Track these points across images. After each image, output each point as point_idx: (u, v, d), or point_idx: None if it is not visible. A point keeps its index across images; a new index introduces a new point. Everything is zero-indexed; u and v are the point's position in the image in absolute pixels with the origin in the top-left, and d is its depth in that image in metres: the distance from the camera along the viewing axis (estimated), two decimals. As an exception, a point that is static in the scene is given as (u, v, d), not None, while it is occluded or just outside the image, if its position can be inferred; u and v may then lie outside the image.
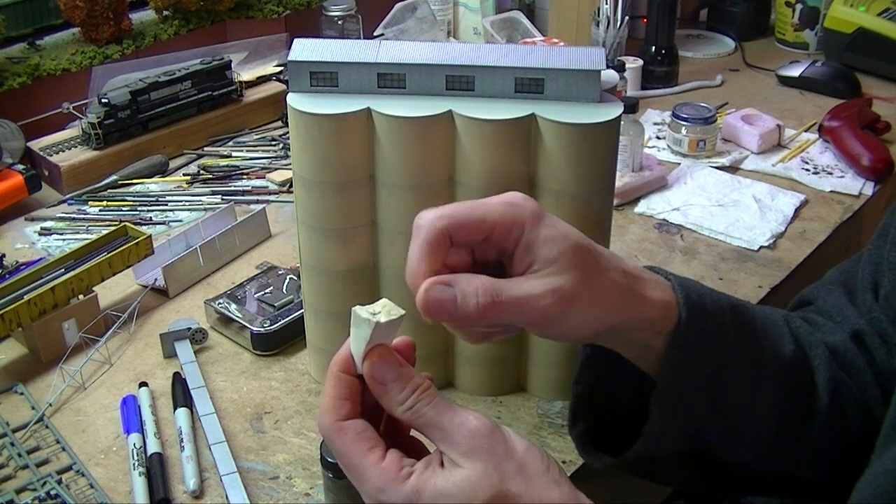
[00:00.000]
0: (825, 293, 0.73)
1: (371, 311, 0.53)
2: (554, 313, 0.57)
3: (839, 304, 0.71)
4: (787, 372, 0.65)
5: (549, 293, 0.56)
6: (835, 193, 1.22)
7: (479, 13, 1.65)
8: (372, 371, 0.53)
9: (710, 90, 1.54)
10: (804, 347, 0.67)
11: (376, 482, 0.51)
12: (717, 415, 0.63)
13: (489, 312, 0.55)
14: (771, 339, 0.66)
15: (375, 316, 0.53)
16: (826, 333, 0.70)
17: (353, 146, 0.75)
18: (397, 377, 0.53)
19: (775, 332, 0.67)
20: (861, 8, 1.56)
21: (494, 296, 0.56)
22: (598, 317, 0.59)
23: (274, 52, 1.47)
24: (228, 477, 0.76)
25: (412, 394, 0.53)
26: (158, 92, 1.27)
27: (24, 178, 1.16)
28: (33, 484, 0.76)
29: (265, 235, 1.11)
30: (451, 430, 0.52)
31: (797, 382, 0.65)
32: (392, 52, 0.76)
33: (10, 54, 1.33)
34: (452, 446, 0.51)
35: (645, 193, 1.21)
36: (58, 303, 0.90)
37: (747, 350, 0.64)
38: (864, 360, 0.68)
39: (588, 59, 0.75)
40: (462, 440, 0.51)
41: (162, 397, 0.86)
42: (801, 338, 0.68)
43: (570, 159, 0.73)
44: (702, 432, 0.64)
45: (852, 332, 0.69)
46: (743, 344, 0.64)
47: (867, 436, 0.61)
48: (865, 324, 0.69)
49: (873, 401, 0.67)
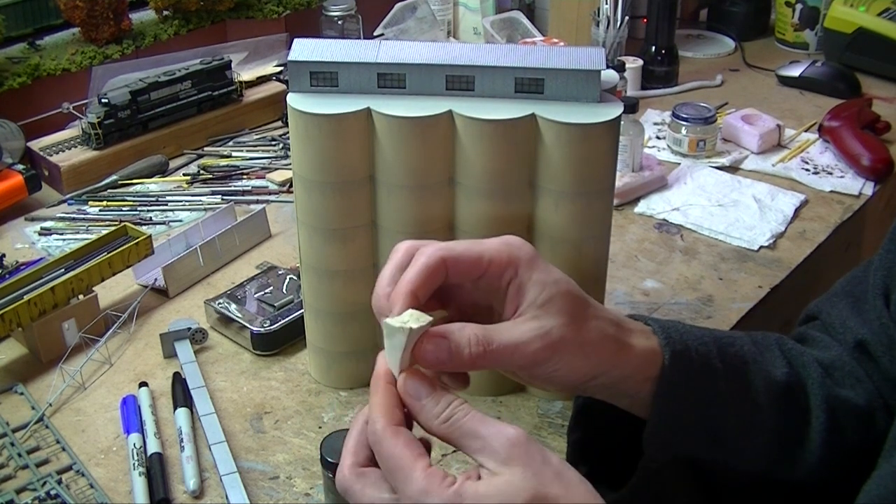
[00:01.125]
0: (829, 306, 0.74)
1: (401, 321, 0.55)
2: (542, 358, 0.58)
3: (842, 316, 0.72)
4: (780, 397, 0.66)
5: (538, 338, 0.58)
6: (835, 193, 1.22)
7: (479, 13, 1.65)
8: (406, 387, 0.55)
9: (710, 90, 1.54)
10: (797, 369, 0.68)
11: (422, 485, 0.52)
12: (713, 446, 0.64)
13: (481, 361, 0.57)
14: (762, 368, 0.67)
15: (406, 324, 0.54)
16: (822, 350, 0.71)
17: (353, 146, 0.75)
18: (431, 392, 0.55)
19: (767, 359, 0.68)
20: (861, 8, 1.56)
21: (486, 345, 0.57)
22: (586, 364, 0.60)
23: (274, 52, 1.47)
24: (228, 477, 0.76)
25: (447, 407, 0.54)
26: (158, 92, 1.27)
27: (24, 178, 1.16)
28: (33, 484, 0.76)
29: (265, 235, 1.11)
30: (489, 439, 0.52)
31: (792, 406, 0.66)
32: (392, 52, 0.76)
33: (10, 54, 1.33)
34: (491, 455, 0.52)
35: (645, 193, 1.21)
36: (58, 303, 0.90)
37: (737, 382, 0.65)
38: (865, 370, 0.69)
39: (588, 59, 0.75)
40: (500, 448, 0.52)
41: (162, 397, 0.86)
42: (794, 360, 0.69)
43: (570, 159, 0.73)
44: (699, 463, 0.65)
45: (855, 342, 0.69)
46: (732, 376, 0.65)
47: (869, 447, 0.61)
48: (869, 332, 0.69)
49: (876, 410, 0.67)
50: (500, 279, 0.60)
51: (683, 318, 0.97)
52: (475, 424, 0.53)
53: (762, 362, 0.67)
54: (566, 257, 0.77)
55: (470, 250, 0.60)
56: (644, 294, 1.01)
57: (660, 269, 1.06)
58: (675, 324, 0.66)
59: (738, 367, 0.65)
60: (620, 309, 0.98)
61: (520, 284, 0.60)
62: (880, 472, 0.56)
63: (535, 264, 0.61)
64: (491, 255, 0.60)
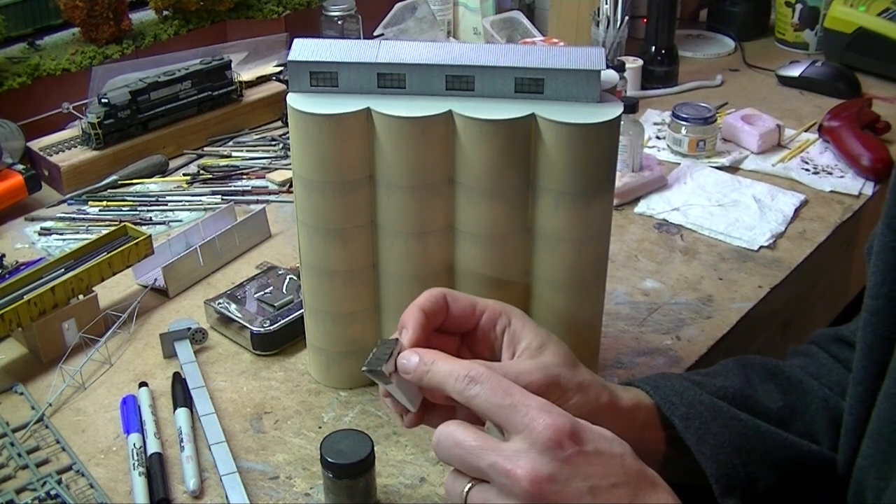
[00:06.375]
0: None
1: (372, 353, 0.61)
2: (544, 391, 0.59)
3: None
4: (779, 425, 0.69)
5: (538, 370, 0.61)
6: (835, 193, 1.22)
7: (479, 13, 1.65)
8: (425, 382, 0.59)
9: (710, 90, 1.54)
10: (792, 397, 0.71)
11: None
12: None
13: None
14: (753, 406, 0.69)
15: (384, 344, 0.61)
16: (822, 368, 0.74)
17: (353, 146, 0.75)
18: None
19: (762, 392, 0.71)
20: (861, 8, 1.56)
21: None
22: (587, 403, 0.62)
23: (274, 52, 1.47)
24: (228, 477, 0.76)
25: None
26: (158, 92, 1.27)
27: (24, 178, 1.16)
28: (33, 484, 0.76)
29: (265, 235, 1.11)
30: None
31: (794, 432, 0.69)
32: (392, 52, 0.76)
33: (10, 54, 1.33)
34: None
35: (645, 193, 1.21)
36: (58, 303, 0.90)
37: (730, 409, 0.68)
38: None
39: (588, 59, 0.75)
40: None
41: (162, 397, 0.86)
42: (792, 388, 0.72)
43: (570, 159, 0.73)
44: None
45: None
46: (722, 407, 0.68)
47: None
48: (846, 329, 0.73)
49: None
50: (494, 328, 0.65)
51: (683, 318, 0.97)
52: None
53: (755, 403, 0.70)
54: (566, 257, 0.77)
55: (466, 297, 0.66)
56: (644, 294, 1.01)
57: (660, 269, 1.06)
58: (657, 376, 0.71)
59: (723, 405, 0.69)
60: (620, 309, 0.98)
61: (514, 332, 0.64)
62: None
63: (527, 318, 0.66)
64: (486, 304, 0.66)
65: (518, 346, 0.64)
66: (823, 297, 1.23)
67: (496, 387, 0.54)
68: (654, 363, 0.90)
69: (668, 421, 0.66)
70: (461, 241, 0.78)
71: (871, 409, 0.60)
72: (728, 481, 0.63)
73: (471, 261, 0.78)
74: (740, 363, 0.74)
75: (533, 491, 0.50)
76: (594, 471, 0.52)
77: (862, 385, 0.61)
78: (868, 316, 0.60)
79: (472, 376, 0.55)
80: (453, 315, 0.65)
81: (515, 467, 0.51)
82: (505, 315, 0.65)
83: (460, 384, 0.55)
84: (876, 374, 0.60)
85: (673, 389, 0.67)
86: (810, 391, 0.71)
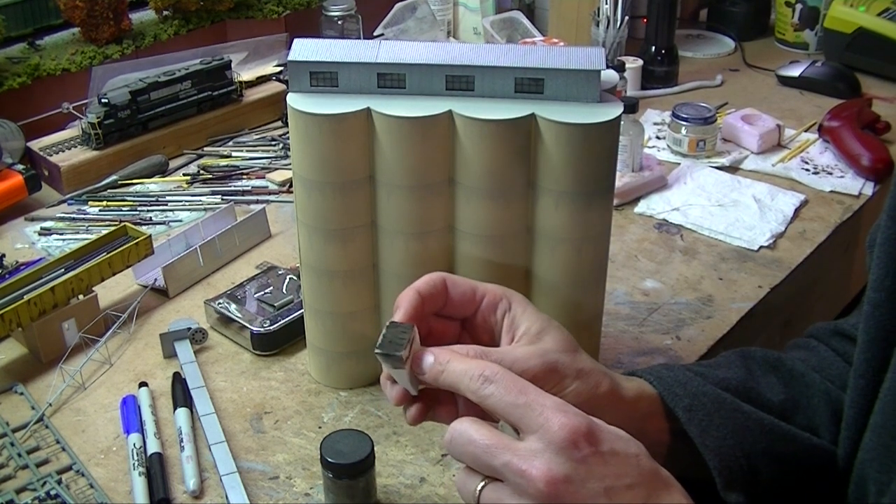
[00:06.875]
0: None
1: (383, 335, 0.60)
2: (541, 378, 0.59)
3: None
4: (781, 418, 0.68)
5: (536, 356, 0.61)
6: (835, 193, 1.22)
7: (479, 13, 1.65)
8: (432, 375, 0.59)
9: (710, 90, 1.54)
10: (794, 390, 0.71)
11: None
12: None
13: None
14: (756, 399, 0.69)
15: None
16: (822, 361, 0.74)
17: (353, 146, 0.75)
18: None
19: (764, 385, 0.70)
20: (861, 8, 1.56)
21: (483, 356, 0.59)
22: (587, 390, 0.62)
23: (274, 52, 1.47)
24: (228, 477, 0.76)
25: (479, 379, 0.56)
26: (158, 92, 1.27)
27: (24, 178, 1.16)
28: (33, 484, 0.76)
29: (265, 235, 1.11)
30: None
31: (796, 425, 0.69)
32: (392, 52, 0.76)
33: (10, 54, 1.33)
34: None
35: (645, 193, 1.21)
36: (58, 303, 0.90)
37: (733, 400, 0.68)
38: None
39: (588, 59, 0.75)
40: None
41: (162, 397, 0.86)
42: (794, 381, 0.72)
43: (570, 159, 0.73)
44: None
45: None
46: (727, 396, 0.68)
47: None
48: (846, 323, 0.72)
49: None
50: (495, 313, 0.65)
51: (683, 318, 0.97)
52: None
53: (757, 396, 0.70)
54: (566, 257, 0.77)
55: (466, 281, 0.65)
56: (644, 294, 1.01)
57: (660, 269, 1.06)
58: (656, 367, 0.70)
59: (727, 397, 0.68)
60: (620, 309, 0.98)
61: (514, 317, 0.64)
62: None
63: (528, 302, 0.65)
64: (486, 288, 0.65)
65: (517, 331, 0.63)
66: (823, 297, 1.23)
67: (511, 386, 0.54)
68: (654, 363, 0.90)
69: (672, 412, 0.65)
70: (461, 241, 0.78)
71: (872, 403, 0.60)
72: (731, 474, 0.63)
73: (471, 261, 0.78)
74: (742, 355, 0.74)
75: (548, 491, 0.50)
76: (610, 471, 0.52)
77: (863, 378, 0.61)
78: (870, 309, 0.60)
79: (486, 375, 0.55)
80: (453, 300, 0.64)
81: (530, 467, 0.51)
82: (505, 299, 0.65)
83: (475, 384, 0.55)
84: (878, 367, 0.60)
85: (676, 380, 0.66)
86: (812, 384, 0.71)
